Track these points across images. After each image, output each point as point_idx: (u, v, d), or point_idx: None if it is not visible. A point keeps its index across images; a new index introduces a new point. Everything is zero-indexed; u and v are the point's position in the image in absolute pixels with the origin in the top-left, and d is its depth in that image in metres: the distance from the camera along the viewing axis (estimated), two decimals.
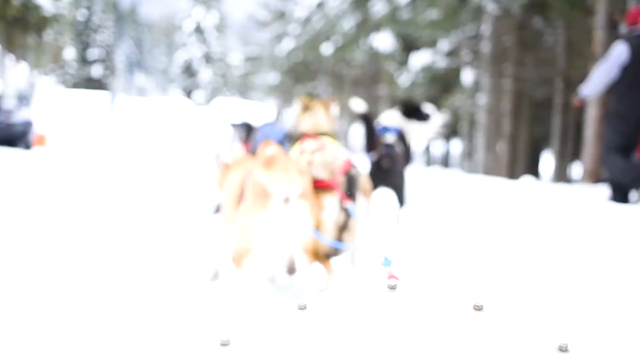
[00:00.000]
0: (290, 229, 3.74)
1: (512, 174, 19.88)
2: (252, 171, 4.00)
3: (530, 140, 28.91)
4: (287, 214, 3.70)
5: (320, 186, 4.05)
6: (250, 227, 3.70)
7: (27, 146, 17.02)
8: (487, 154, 20.10)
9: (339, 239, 3.89)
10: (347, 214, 3.91)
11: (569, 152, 18.01)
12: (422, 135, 7.28)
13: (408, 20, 19.97)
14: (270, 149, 4.09)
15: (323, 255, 4.05)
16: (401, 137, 6.76)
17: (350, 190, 3.98)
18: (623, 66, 9.13)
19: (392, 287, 2.00)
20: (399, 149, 6.48)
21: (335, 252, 3.94)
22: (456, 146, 37.19)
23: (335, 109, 4.96)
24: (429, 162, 36.80)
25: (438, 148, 40.30)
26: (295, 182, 3.69)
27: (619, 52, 9.19)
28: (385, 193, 6.39)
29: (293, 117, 5.04)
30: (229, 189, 4.29)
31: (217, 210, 4.87)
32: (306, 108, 4.88)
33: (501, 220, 7.30)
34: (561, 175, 18.09)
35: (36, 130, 18.28)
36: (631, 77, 9.11)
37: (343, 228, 3.92)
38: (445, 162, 36.76)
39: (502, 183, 11.39)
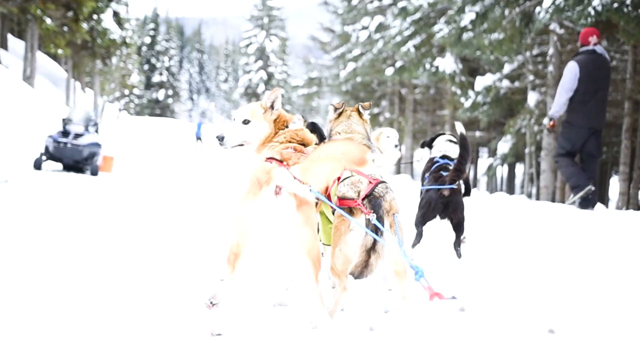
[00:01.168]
0: (278, 222, 3.64)
1: None
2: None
3: (598, 165, 28.31)
4: (275, 205, 3.61)
5: (346, 205, 3.98)
6: (241, 217, 3.62)
7: (94, 170, 17.29)
8: (553, 179, 19.71)
9: (367, 262, 3.72)
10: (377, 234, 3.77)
11: (638, 177, 17.51)
12: (486, 161, 7.23)
13: (471, 42, 19.77)
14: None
15: (341, 270, 3.97)
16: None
17: (375, 210, 3.87)
18: (577, 81, 10.76)
19: (462, 310, 1.93)
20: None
21: (362, 273, 3.74)
22: (521, 171, 36.66)
23: (367, 114, 4.86)
24: (493, 188, 36.28)
25: (502, 173, 39.87)
26: (296, 178, 3.60)
27: (572, 69, 10.87)
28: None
29: (327, 122, 4.94)
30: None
31: None
32: (339, 114, 4.79)
33: (569, 248, 7.10)
34: (630, 200, 17.58)
35: (103, 153, 18.59)
36: (582, 90, 10.78)
37: (371, 250, 3.76)
38: (510, 187, 36.25)
39: (568, 210, 11.10)
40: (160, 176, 19.45)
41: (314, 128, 6.61)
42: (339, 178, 4.20)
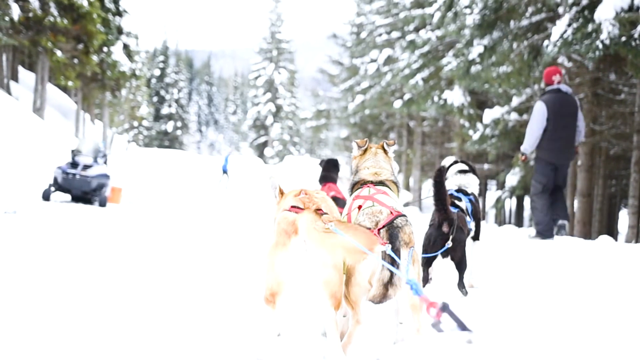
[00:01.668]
0: (310, 268, 3.76)
1: (588, 234, 19.35)
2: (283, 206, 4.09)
3: (607, 197, 28.20)
4: (307, 254, 3.73)
5: None
6: (274, 265, 3.78)
7: (102, 202, 17.30)
8: None
9: (385, 294, 3.77)
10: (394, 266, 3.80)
11: None
12: (494, 193, 7.18)
13: (479, 75, 19.83)
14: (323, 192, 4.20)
15: (354, 301, 3.97)
16: (475, 205, 6.60)
17: (392, 241, 3.89)
18: (545, 120, 11.37)
19: (469, 342, 1.90)
20: (464, 215, 6.27)
21: (380, 302, 3.81)
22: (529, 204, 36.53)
23: (392, 151, 4.91)
24: (501, 220, 36.15)
25: (510, 205, 39.74)
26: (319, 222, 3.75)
27: (539, 109, 11.46)
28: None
29: (351, 159, 5.02)
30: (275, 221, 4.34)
31: None
32: (364, 151, 4.84)
33: (578, 282, 7.04)
34: (639, 234, 17.49)
35: (112, 185, 18.62)
36: (550, 128, 11.38)
37: (388, 283, 3.79)
38: (519, 220, 36.12)
39: (577, 243, 11.03)
40: (168, 208, 19.45)
41: (335, 164, 6.62)
42: (360, 206, 4.24)
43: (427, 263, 5.96)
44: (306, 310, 4.80)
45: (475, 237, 6.64)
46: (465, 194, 6.62)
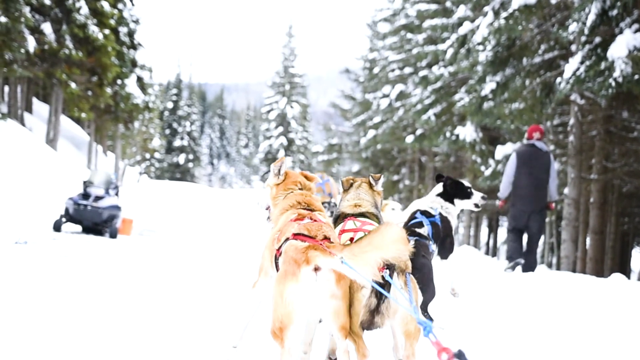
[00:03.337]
0: (321, 300, 3.73)
1: (600, 271, 19.20)
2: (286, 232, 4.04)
3: (619, 235, 28.01)
4: (317, 284, 3.69)
5: None
6: (283, 296, 3.69)
7: (113, 233, 17.29)
8: (574, 249, 19.51)
9: (370, 321, 3.76)
10: (381, 295, 3.78)
11: None
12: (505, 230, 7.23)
13: (492, 111, 19.85)
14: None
15: (356, 332, 3.94)
16: (438, 227, 6.55)
17: (390, 267, 3.87)
18: (515, 169, 12.84)
19: None
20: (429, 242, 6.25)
21: (368, 328, 3.81)
22: (541, 241, 36.39)
23: (379, 185, 4.96)
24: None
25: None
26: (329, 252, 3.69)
27: (511, 161, 13.05)
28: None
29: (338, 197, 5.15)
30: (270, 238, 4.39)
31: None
32: (348, 188, 4.90)
33: (585, 318, 6.97)
34: None
35: (123, 216, 18.64)
36: (518, 177, 12.84)
37: (374, 311, 3.77)
38: None
39: (590, 281, 10.95)
40: (179, 240, 19.43)
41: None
42: (351, 239, 4.26)
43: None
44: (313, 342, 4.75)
45: (444, 256, 6.66)
46: (429, 215, 6.55)
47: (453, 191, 6.92)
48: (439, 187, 6.99)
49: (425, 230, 6.35)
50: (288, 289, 3.68)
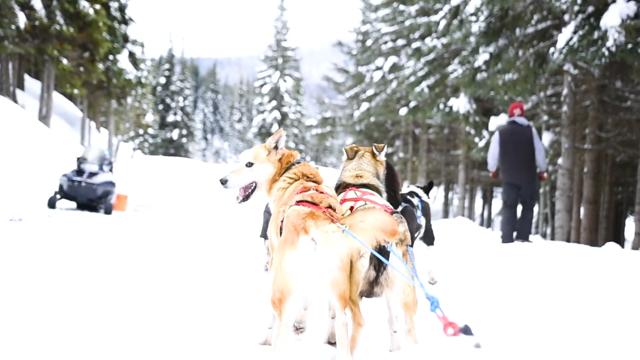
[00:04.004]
0: (320, 269, 3.71)
1: (594, 241, 19.28)
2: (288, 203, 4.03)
3: (613, 204, 28.09)
4: (317, 253, 3.68)
5: None
6: (282, 265, 3.69)
7: (108, 209, 17.29)
8: (568, 219, 19.58)
9: (370, 292, 3.84)
10: (380, 267, 3.85)
11: None
12: (500, 201, 7.39)
13: (485, 83, 19.79)
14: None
15: (354, 300, 3.97)
16: (427, 206, 7.03)
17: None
18: (499, 146, 13.32)
19: (477, 346, 1.88)
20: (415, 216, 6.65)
21: (366, 295, 3.89)
22: (535, 211, 36.49)
23: (382, 155, 4.95)
24: None
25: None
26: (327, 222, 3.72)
27: (494, 139, 13.56)
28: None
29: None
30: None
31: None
32: (352, 156, 4.88)
33: (582, 288, 7.00)
34: None
35: (117, 192, 18.63)
36: (502, 153, 13.32)
37: (373, 282, 3.84)
38: None
39: (583, 250, 10.99)
40: (174, 215, 19.45)
41: None
42: (352, 207, 4.24)
43: None
44: (310, 315, 4.77)
45: (429, 242, 6.85)
46: (418, 196, 7.10)
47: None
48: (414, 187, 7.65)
49: (416, 201, 6.58)
50: (287, 258, 3.67)
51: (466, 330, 2.75)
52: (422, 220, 6.82)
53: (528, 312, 5.84)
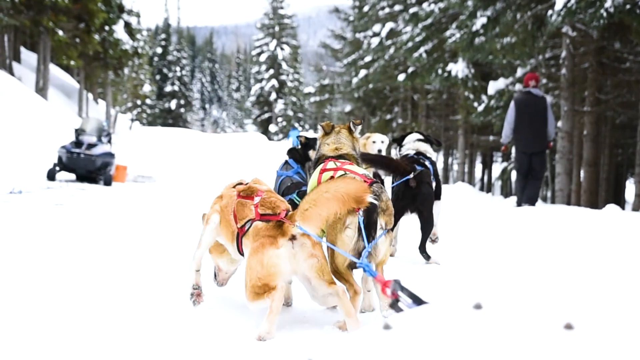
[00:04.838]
0: (301, 261, 3.84)
1: (595, 203, 19.32)
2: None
3: (613, 167, 28.11)
4: (295, 249, 3.83)
5: None
6: (264, 264, 3.79)
7: (107, 180, 17.30)
8: (568, 182, 19.60)
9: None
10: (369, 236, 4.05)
11: None
12: (500, 165, 7.36)
13: (483, 47, 19.69)
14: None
15: (344, 271, 4.07)
16: (435, 166, 6.97)
17: (369, 212, 4.07)
18: (514, 116, 13.72)
19: (478, 307, 1.89)
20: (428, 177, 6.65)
21: (356, 266, 4.04)
22: None
23: (358, 130, 5.17)
24: (507, 192, 36.00)
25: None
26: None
27: (510, 107, 13.97)
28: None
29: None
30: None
31: None
32: (329, 131, 5.04)
33: (582, 248, 7.02)
34: None
35: (117, 163, 18.63)
36: (517, 123, 13.71)
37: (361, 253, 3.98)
38: None
39: (584, 212, 11.02)
40: (173, 186, 19.45)
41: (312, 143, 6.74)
42: (332, 177, 4.31)
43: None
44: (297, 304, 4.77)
45: (437, 197, 6.85)
46: (425, 157, 6.95)
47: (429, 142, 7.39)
48: (418, 135, 7.40)
49: (427, 163, 6.64)
50: (267, 255, 3.78)
51: (396, 285, 2.97)
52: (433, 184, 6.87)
53: (529, 272, 5.86)
